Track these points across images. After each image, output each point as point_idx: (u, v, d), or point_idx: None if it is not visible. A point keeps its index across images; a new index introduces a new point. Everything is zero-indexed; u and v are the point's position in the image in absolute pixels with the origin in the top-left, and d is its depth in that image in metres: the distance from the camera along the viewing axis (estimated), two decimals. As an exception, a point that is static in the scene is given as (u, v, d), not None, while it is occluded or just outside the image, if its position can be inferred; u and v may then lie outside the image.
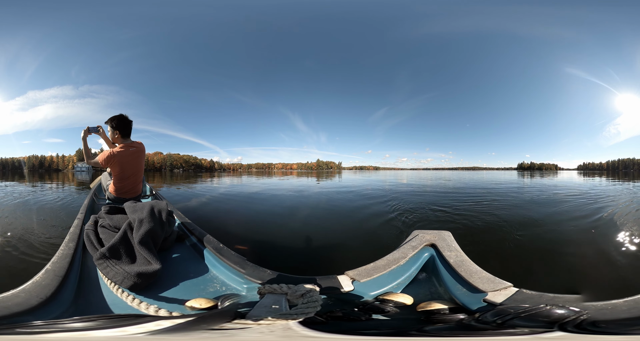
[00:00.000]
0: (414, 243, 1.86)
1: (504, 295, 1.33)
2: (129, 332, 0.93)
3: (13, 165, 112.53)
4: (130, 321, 0.97)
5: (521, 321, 1.09)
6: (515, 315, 1.11)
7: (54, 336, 0.95)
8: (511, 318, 1.10)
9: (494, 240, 4.30)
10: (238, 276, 1.65)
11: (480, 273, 1.53)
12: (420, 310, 1.38)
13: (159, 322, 0.96)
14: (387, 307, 1.40)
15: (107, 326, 0.95)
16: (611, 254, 3.51)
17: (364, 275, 1.60)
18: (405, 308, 1.42)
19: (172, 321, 0.96)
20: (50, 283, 1.33)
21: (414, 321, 1.35)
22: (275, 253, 3.75)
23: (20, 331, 0.98)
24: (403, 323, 1.37)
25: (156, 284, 1.59)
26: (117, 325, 0.95)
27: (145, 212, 1.88)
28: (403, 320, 1.38)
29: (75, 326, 0.97)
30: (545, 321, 1.06)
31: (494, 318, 1.14)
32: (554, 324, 1.05)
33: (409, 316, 1.39)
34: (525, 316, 1.09)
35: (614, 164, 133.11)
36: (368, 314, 1.38)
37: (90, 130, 3.16)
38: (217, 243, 1.93)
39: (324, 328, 1.14)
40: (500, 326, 1.11)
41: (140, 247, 1.70)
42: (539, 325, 1.06)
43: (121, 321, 0.98)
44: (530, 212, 6.56)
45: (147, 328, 0.94)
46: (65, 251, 1.70)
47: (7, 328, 1.00)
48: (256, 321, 0.97)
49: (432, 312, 1.36)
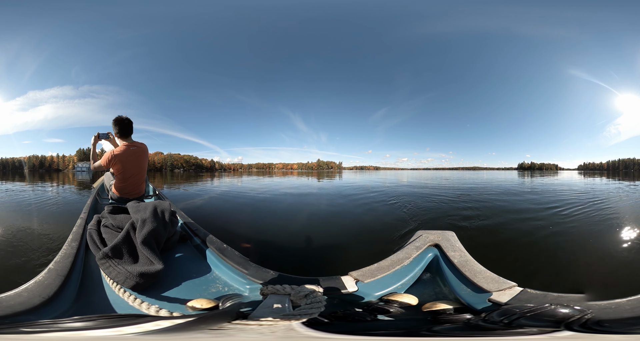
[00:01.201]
0: (418, 243, 1.86)
1: (509, 295, 1.33)
2: (126, 332, 0.92)
3: (13, 165, 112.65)
4: (130, 321, 0.97)
5: (527, 321, 1.09)
6: (520, 315, 1.10)
7: (54, 335, 0.95)
8: (517, 318, 1.10)
9: (498, 239, 4.29)
10: (241, 277, 1.64)
11: (484, 273, 1.53)
12: (425, 310, 1.38)
13: (157, 322, 0.95)
14: (392, 308, 1.40)
15: (106, 326, 0.95)
16: (615, 253, 3.50)
17: (367, 275, 1.60)
18: (411, 309, 1.41)
19: (171, 322, 0.95)
20: (53, 283, 1.33)
21: (421, 322, 1.35)
22: (278, 253, 3.75)
23: (23, 330, 0.98)
24: (409, 323, 1.36)
25: (158, 284, 1.58)
26: (116, 325, 0.94)
27: (148, 212, 1.87)
28: (409, 321, 1.37)
29: (75, 325, 0.97)
30: (550, 320, 1.06)
31: (501, 318, 1.13)
32: (560, 323, 1.04)
33: (415, 316, 1.38)
34: (530, 315, 1.09)
35: (614, 164, 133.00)
36: (373, 315, 1.37)
37: (100, 137, 3.18)
38: (220, 244, 1.93)
39: (328, 329, 1.13)
40: (508, 325, 1.10)
41: (142, 247, 1.69)
42: (546, 324, 1.06)
43: (120, 321, 0.97)
44: (531, 211, 6.55)
45: (145, 328, 0.93)
46: (68, 251, 1.70)
47: (10, 327, 1.00)
48: (258, 322, 0.96)
49: (438, 312, 1.35)
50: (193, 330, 0.95)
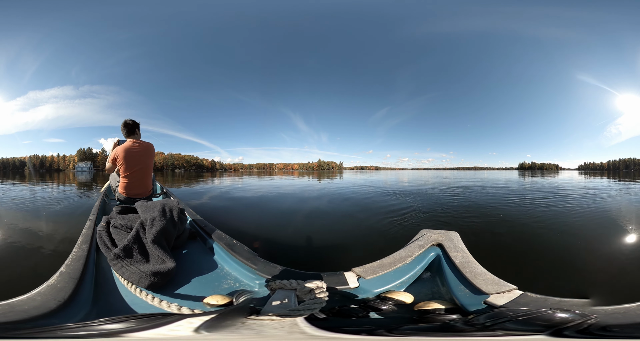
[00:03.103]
0: (421, 242, 1.87)
1: (507, 298, 1.30)
2: (169, 333, 0.91)
3: (14, 165, 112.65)
4: (161, 320, 0.95)
5: (516, 325, 1.05)
6: (511, 318, 1.07)
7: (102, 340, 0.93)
8: (506, 321, 1.07)
9: (503, 241, 4.25)
10: (250, 272, 1.66)
11: (485, 274, 1.51)
12: (417, 309, 1.37)
13: (189, 320, 0.94)
14: (387, 305, 1.39)
15: (142, 326, 0.93)
16: (624, 256, 3.47)
17: (369, 272, 1.60)
18: (404, 307, 1.40)
19: (200, 319, 0.94)
20: (67, 286, 1.32)
21: (407, 320, 1.34)
22: (285, 249, 3.75)
23: (59, 334, 0.95)
24: (396, 321, 1.36)
25: (171, 282, 1.60)
26: (151, 326, 0.93)
27: (156, 211, 1.90)
28: (397, 318, 1.37)
29: (112, 327, 0.94)
30: (544, 324, 1.02)
31: (486, 320, 1.10)
32: (554, 328, 1.01)
33: (405, 314, 1.38)
34: (522, 319, 1.06)
35: (615, 164, 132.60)
36: (366, 311, 1.38)
37: (120, 143, 3.26)
38: (230, 240, 1.95)
39: (324, 325, 1.14)
40: (488, 328, 1.07)
41: (153, 245, 1.71)
42: (535, 328, 1.02)
43: (152, 320, 0.96)
44: (537, 213, 6.53)
45: (183, 326, 0.92)
46: (79, 253, 1.69)
47: (30, 333, 0.98)
48: (270, 317, 0.99)
49: (428, 312, 1.34)
50: (221, 326, 0.95)
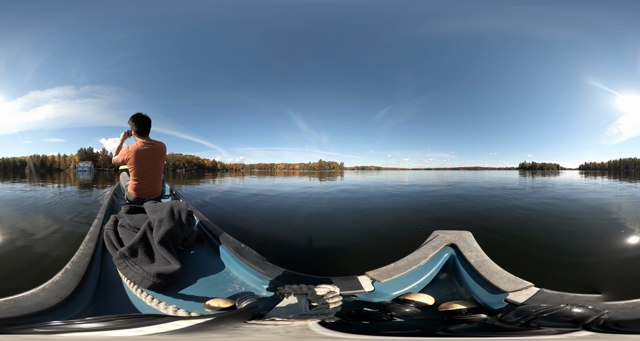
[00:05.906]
0: (435, 243, 1.85)
1: (526, 295, 1.31)
2: (146, 332, 0.92)
3: (15, 165, 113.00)
4: (148, 321, 0.96)
5: (543, 321, 1.08)
6: (537, 315, 1.09)
7: (71, 336, 0.94)
8: (533, 318, 1.09)
9: (515, 239, 4.23)
10: (257, 277, 1.63)
11: (501, 273, 1.51)
12: (442, 310, 1.37)
13: (177, 322, 0.95)
14: (408, 307, 1.39)
15: (123, 326, 0.94)
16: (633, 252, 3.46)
17: (384, 275, 1.58)
18: (427, 309, 1.40)
19: (190, 322, 0.95)
20: (70, 283, 1.32)
21: (437, 322, 1.34)
22: (294, 253, 3.72)
23: (37, 331, 0.97)
24: (425, 323, 1.36)
25: (175, 284, 1.58)
26: (134, 325, 0.94)
27: (165, 212, 1.87)
28: (425, 321, 1.36)
29: (91, 326, 0.96)
30: (566, 320, 1.05)
31: (517, 318, 1.12)
32: (577, 323, 1.04)
33: (431, 316, 1.37)
34: (546, 316, 1.08)
35: (615, 164, 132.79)
36: (389, 314, 1.37)
37: (129, 133, 3.20)
38: (238, 243, 1.92)
39: (344, 329, 1.13)
40: (524, 326, 1.10)
41: (159, 246, 1.68)
42: (562, 324, 1.05)
43: (139, 321, 0.97)
44: (548, 212, 6.49)
45: (165, 328, 0.93)
46: (85, 251, 1.69)
47: (25, 328, 1.00)
48: (274, 322, 0.96)
49: (454, 312, 1.34)
50: (211, 330, 0.95)
